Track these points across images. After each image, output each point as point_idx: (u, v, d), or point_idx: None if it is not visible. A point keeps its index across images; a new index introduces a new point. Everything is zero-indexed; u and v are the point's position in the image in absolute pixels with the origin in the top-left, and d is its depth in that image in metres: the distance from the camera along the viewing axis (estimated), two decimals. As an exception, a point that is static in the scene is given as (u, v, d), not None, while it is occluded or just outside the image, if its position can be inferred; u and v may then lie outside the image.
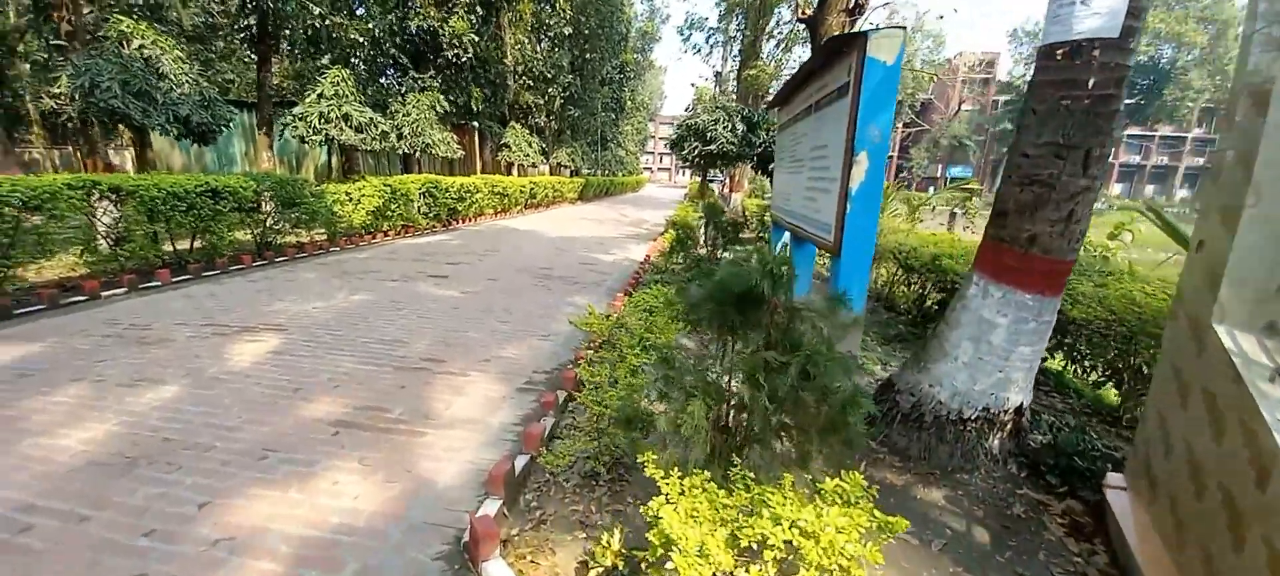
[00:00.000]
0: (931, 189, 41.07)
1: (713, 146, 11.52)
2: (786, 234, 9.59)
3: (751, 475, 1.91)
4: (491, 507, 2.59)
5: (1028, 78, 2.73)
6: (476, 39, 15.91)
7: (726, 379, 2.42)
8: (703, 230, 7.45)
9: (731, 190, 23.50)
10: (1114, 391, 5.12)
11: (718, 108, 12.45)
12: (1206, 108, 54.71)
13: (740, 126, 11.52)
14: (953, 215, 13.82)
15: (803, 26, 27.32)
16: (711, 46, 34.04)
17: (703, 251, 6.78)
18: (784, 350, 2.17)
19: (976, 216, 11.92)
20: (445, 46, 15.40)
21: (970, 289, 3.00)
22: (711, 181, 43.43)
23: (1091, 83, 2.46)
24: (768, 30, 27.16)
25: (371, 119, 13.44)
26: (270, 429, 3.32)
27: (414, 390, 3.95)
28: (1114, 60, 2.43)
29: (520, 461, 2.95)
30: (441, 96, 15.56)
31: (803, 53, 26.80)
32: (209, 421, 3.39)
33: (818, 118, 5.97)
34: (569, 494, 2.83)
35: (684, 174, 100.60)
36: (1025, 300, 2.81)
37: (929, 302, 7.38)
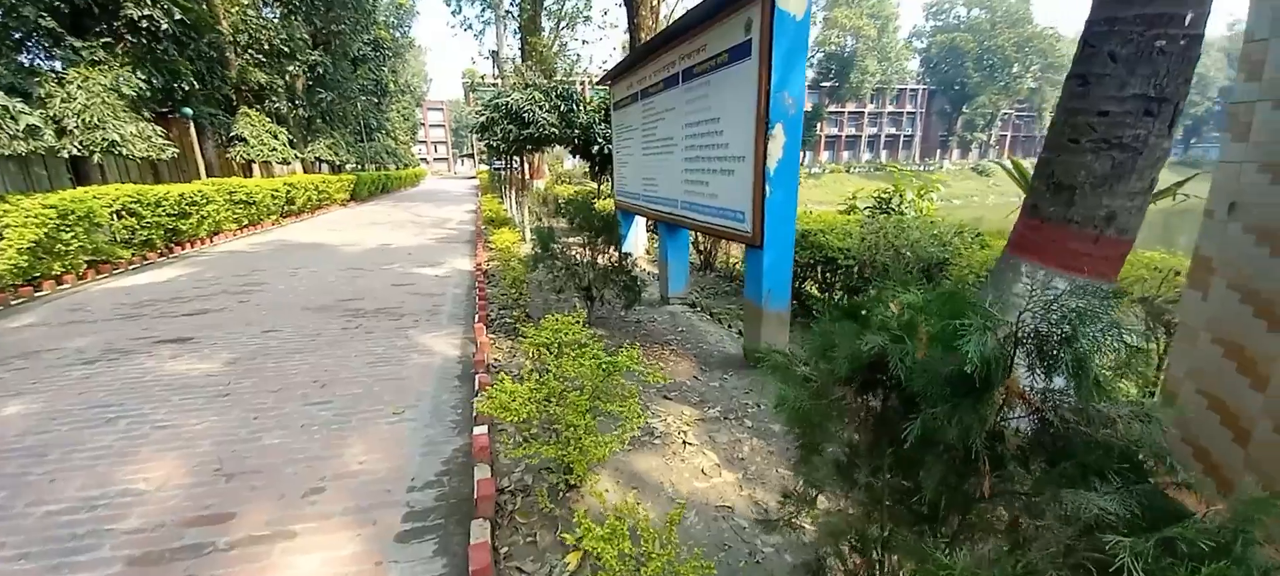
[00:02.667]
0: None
1: (531, 129, 10.11)
2: (637, 220, 8.83)
3: None
4: None
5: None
6: (175, -2, 11.60)
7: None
8: (537, 229, 6.23)
9: (533, 177, 22.10)
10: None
11: (528, 85, 11.01)
12: (876, 88, 69.77)
13: (562, 106, 10.31)
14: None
15: (584, 3, 26.77)
16: (484, 24, 31.53)
17: (578, 256, 5.56)
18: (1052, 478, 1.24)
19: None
20: (131, 5, 10.89)
21: (1019, 284, 2.46)
22: (499, 169, 41.13)
23: (1188, 18, 2.00)
24: (546, 5, 26.01)
25: (7, 108, 8.82)
26: None
27: (188, 607, 2.08)
28: (1207, -10, 2.00)
29: None
30: (129, 71, 11.03)
31: (586, 31, 26.36)
32: None
33: (692, 88, 5.16)
34: None
35: (463, 163, 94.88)
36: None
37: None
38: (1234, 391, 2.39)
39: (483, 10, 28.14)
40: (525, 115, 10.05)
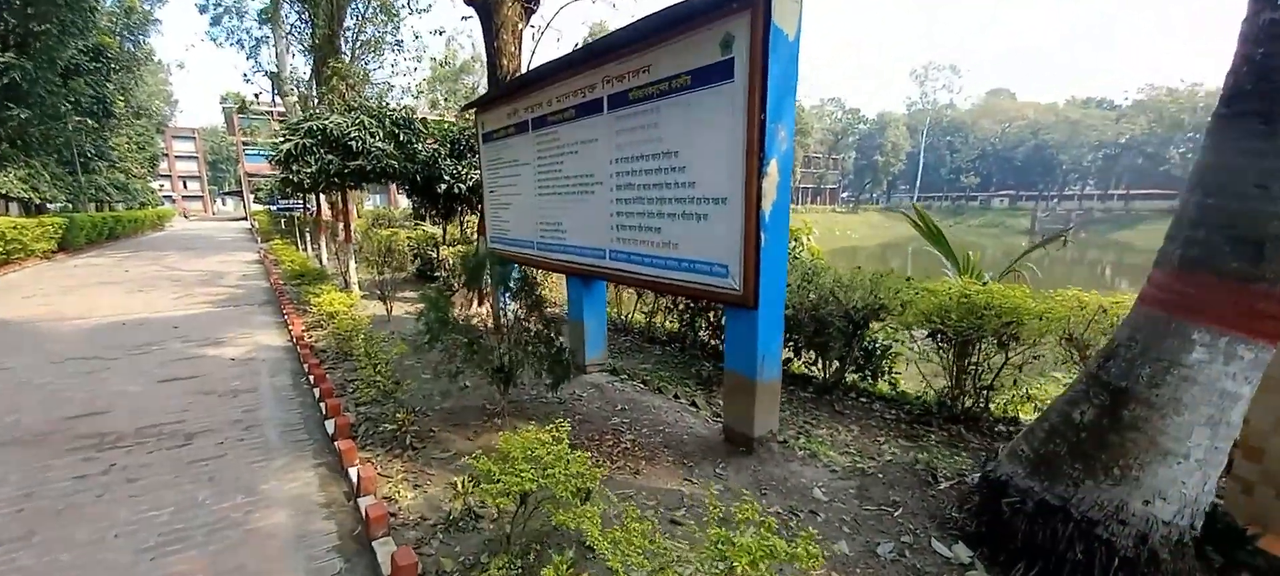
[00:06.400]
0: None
1: (362, 161, 8.08)
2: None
3: None
4: None
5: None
6: None
7: None
8: (424, 295, 4.78)
9: (340, 218, 18.72)
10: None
11: (353, 108, 8.89)
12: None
13: (399, 135, 8.44)
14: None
15: (390, 25, 24.20)
16: (257, 40, 26.53)
17: (480, 323, 4.16)
18: None
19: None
20: None
21: (1193, 353, 2.03)
22: (286, 209, 34.90)
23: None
24: (345, 27, 22.83)
25: None
26: None
27: None
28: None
29: None
30: None
31: (397, 58, 23.66)
32: None
33: (628, 116, 4.20)
34: None
35: (224, 201, 79.68)
36: (1266, 358, 2.02)
37: (700, 325, 6.69)
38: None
39: (260, 22, 23.63)
40: (353, 143, 8.02)
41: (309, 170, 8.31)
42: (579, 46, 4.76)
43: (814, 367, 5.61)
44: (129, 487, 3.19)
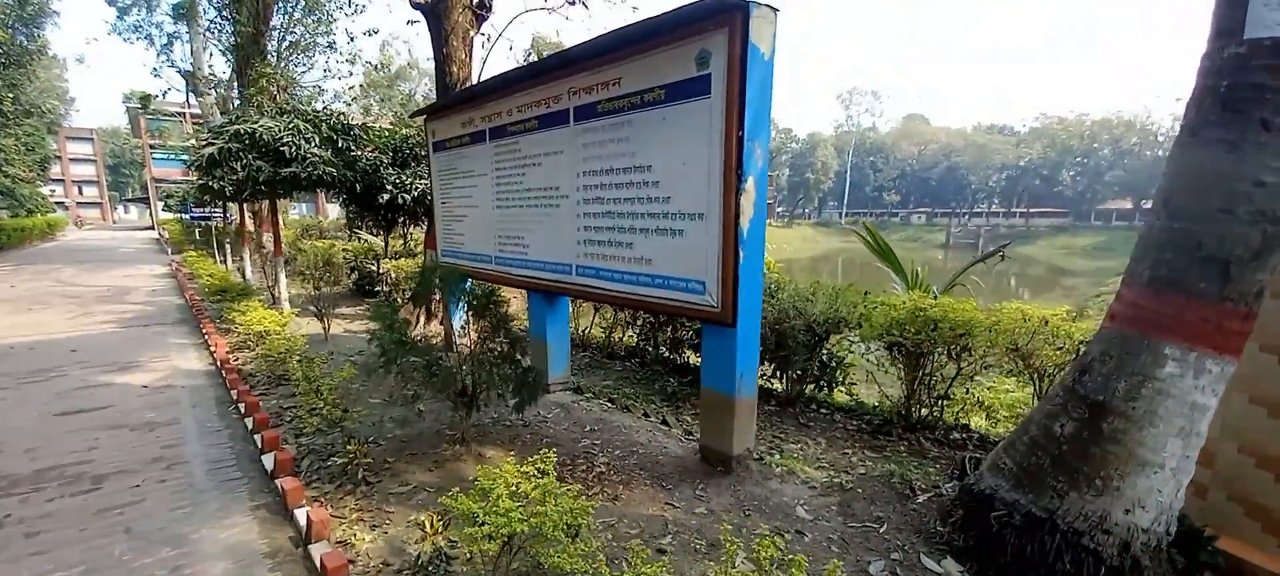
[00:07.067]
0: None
1: (295, 168, 7.50)
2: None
3: None
4: None
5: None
6: None
7: None
8: (376, 311, 4.48)
9: (265, 229, 17.48)
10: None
11: (284, 111, 8.26)
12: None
13: (337, 141, 7.92)
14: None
15: (321, 26, 22.93)
16: (169, 37, 24.43)
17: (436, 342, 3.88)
18: None
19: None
20: None
21: (1166, 368, 2.13)
22: (201, 218, 32.25)
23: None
24: (271, 27, 21.43)
25: None
26: None
27: None
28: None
29: None
30: None
31: (329, 60, 22.38)
32: None
33: (596, 128, 4.08)
34: None
35: (126, 209, 72.99)
36: (1230, 371, 2.15)
37: (661, 340, 6.60)
38: (1287, 446, 2.41)
39: (175, 18, 21.80)
40: (286, 149, 7.44)
41: (234, 176, 7.64)
42: (527, 57, 4.60)
43: (775, 381, 5.66)
44: (28, 543, 2.72)
